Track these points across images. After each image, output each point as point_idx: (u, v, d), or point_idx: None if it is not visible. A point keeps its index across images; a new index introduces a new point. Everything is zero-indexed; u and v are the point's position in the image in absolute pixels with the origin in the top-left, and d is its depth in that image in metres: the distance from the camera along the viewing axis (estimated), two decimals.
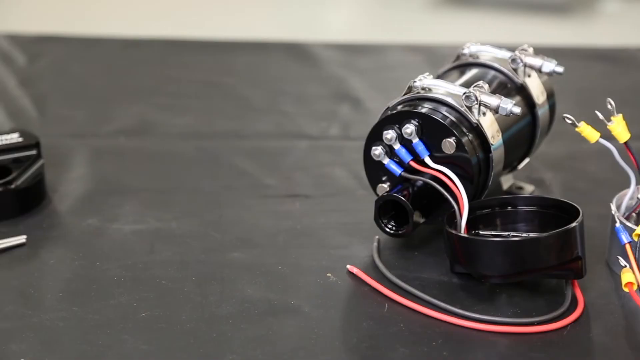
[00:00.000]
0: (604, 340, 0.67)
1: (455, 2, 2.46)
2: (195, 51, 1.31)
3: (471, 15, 2.41)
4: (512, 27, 2.29)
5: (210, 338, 0.66)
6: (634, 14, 2.37)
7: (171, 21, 2.13)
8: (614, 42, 1.64)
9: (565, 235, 0.69)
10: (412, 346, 0.66)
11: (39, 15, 2.26)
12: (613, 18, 2.38)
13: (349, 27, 2.40)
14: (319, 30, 2.23)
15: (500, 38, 1.79)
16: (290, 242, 0.80)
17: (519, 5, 2.40)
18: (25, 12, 2.27)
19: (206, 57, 1.30)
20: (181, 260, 0.76)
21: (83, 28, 1.89)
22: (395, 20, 2.37)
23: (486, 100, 0.76)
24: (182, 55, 1.29)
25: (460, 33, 2.18)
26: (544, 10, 2.37)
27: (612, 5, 2.44)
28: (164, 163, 0.97)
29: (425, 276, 0.74)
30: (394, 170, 0.77)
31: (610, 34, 2.22)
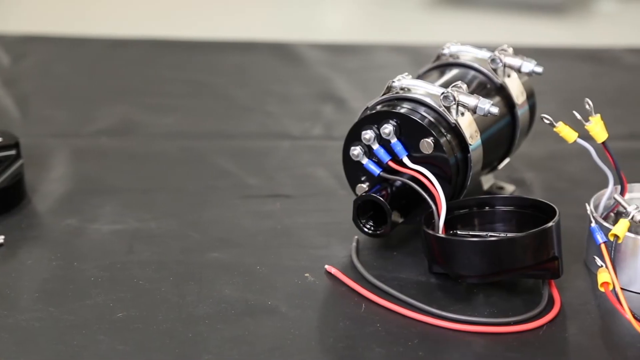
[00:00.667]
0: (580, 340, 0.67)
1: (450, 2, 2.46)
2: (182, 51, 1.31)
3: (466, 16, 2.41)
4: (507, 27, 2.29)
5: (187, 338, 0.66)
6: (630, 14, 2.38)
7: (158, 21, 2.13)
8: (609, 42, 1.64)
9: (542, 235, 0.69)
10: (389, 346, 0.66)
11: (23, 15, 2.25)
12: (608, 18, 2.38)
13: (344, 27, 2.40)
14: (314, 31, 2.23)
15: (495, 38, 1.79)
16: (269, 242, 0.80)
17: (514, 5, 2.40)
18: (10, 12, 2.26)
19: (192, 57, 1.30)
20: (159, 260, 0.76)
21: (68, 28, 1.89)
22: (390, 21, 2.37)
23: (464, 100, 0.76)
24: (168, 56, 1.29)
25: (454, 33, 2.17)
26: (539, 10, 2.38)
27: (608, 5, 2.45)
28: (147, 163, 0.97)
29: (404, 276, 0.74)
30: (373, 171, 0.77)
31: (605, 34, 2.22)
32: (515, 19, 2.35)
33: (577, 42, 1.73)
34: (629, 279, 0.72)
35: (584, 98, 1.16)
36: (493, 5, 2.41)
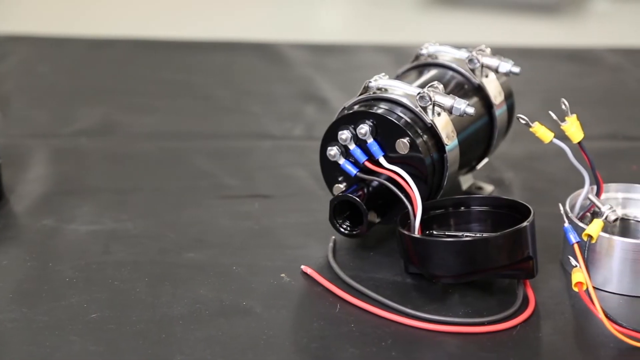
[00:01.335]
0: (553, 339, 0.67)
1: (445, 2, 2.46)
2: (165, 51, 1.31)
3: (460, 16, 2.41)
4: (501, 27, 2.29)
5: (160, 339, 0.66)
6: (623, 14, 2.38)
7: (141, 21, 2.12)
8: (602, 41, 1.65)
9: (516, 235, 0.69)
10: (362, 346, 0.65)
11: (5, 15, 2.24)
12: (602, 17, 2.39)
13: (337, 27, 2.40)
14: (307, 31, 2.23)
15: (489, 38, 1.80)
16: (246, 243, 0.80)
17: (508, 5, 2.40)
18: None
19: (175, 58, 1.30)
20: (135, 260, 0.76)
21: (51, 28, 1.88)
22: (383, 21, 2.37)
23: (440, 100, 0.76)
24: (151, 56, 1.29)
25: (447, 33, 2.19)
26: (533, 10, 2.38)
27: (602, 4, 2.45)
28: (126, 163, 0.96)
29: (380, 276, 0.74)
30: (350, 171, 0.77)
31: (599, 34, 2.22)
32: (509, 19, 2.35)
33: (570, 41, 1.74)
34: (604, 279, 0.72)
35: (566, 98, 1.17)
36: (487, 5, 2.41)
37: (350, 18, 2.52)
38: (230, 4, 2.43)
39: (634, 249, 0.71)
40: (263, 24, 2.27)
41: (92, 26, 2.01)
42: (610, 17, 2.38)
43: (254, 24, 2.23)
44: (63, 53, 1.27)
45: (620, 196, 0.79)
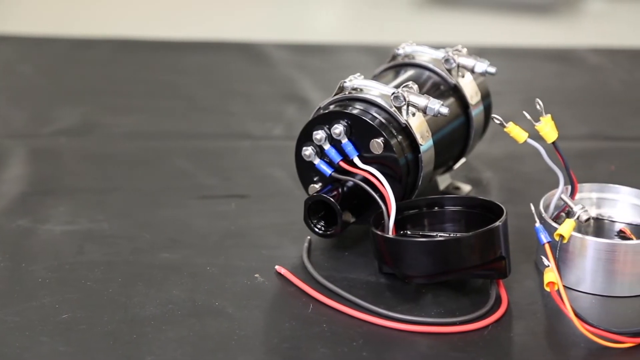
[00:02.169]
0: (524, 339, 0.67)
1: (439, 3, 2.45)
2: (147, 51, 1.31)
3: (454, 16, 2.40)
4: (495, 27, 2.29)
5: (131, 339, 0.65)
6: (618, 14, 2.39)
7: (122, 22, 2.11)
8: (597, 41, 1.65)
9: (488, 235, 0.69)
10: (333, 346, 0.65)
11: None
12: (597, 18, 2.39)
13: (330, 27, 2.39)
14: (302, 31, 2.23)
15: (484, 38, 1.79)
16: (221, 243, 0.79)
17: (502, 5, 2.40)
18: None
19: (157, 58, 1.30)
20: (109, 261, 0.76)
21: (32, 28, 1.87)
22: (376, 21, 2.36)
23: (414, 100, 0.76)
24: (132, 56, 1.29)
25: (440, 33, 2.18)
26: (527, 11, 2.38)
27: (597, 5, 2.46)
28: (104, 164, 0.96)
29: (354, 276, 0.74)
30: (324, 171, 0.77)
31: (594, 34, 2.23)
32: (503, 19, 2.35)
33: (564, 42, 1.74)
34: (577, 278, 0.72)
35: (548, 98, 1.17)
36: (482, 5, 2.41)
37: (343, 18, 2.51)
38: (224, 4, 2.42)
39: (606, 248, 0.71)
40: (260, 25, 2.27)
41: (74, 26, 2.00)
42: (604, 17, 2.38)
43: (246, 25, 2.22)
44: (44, 53, 1.27)
45: (595, 196, 0.79)
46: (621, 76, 1.23)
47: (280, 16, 2.39)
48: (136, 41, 1.32)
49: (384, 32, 2.22)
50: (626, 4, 2.44)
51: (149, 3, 2.32)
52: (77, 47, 1.28)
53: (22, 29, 1.81)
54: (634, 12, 2.41)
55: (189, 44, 1.35)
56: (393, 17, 2.38)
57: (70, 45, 1.29)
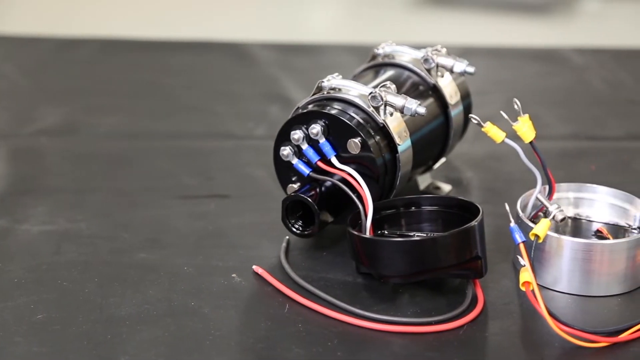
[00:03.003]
0: (499, 339, 0.67)
1: (433, 3, 2.45)
2: (132, 51, 1.31)
3: (448, 16, 2.40)
4: (490, 27, 2.29)
5: (105, 340, 0.65)
6: (613, 14, 2.39)
7: (106, 21, 2.11)
8: (591, 41, 1.65)
9: (464, 235, 0.69)
10: (308, 346, 0.65)
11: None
12: (592, 18, 2.39)
13: (325, 27, 2.39)
14: (295, 31, 2.22)
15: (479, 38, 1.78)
16: (200, 243, 0.79)
17: (497, 5, 2.40)
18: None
19: (142, 58, 1.29)
20: (86, 261, 0.75)
21: (15, 27, 1.86)
22: (371, 21, 2.36)
23: (392, 100, 0.76)
24: (117, 56, 1.29)
25: (432, 33, 2.18)
26: (523, 10, 2.37)
27: (592, 5, 2.46)
28: (86, 164, 0.96)
29: (331, 276, 0.74)
30: (302, 171, 0.77)
31: (589, 34, 2.23)
32: (499, 19, 2.35)
33: (559, 42, 1.74)
34: (554, 278, 0.72)
35: (532, 98, 1.18)
36: (477, 5, 2.41)
37: (337, 18, 2.51)
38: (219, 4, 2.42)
39: (583, 248, 0.71)
40: (253, 26, 2.26)
41: (59, 26, 1.99)
42: (600, 17, 2.39)
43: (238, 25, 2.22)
44: (28, 53, 1.27)
45: (572, 196, 0.79)
46: (605, 76, 1.23)
47: (276, 16, 2.38)
48: (121, 41, 1.32)
49: (377, 32, 2.22)
50: (621, 3, 2.44)
51: (134, 3, 2.31)
52: (62, 47, 1.28)
53: (5, 29, 1.81)
54: (629, 12, 2.41)
55: (174, 43, 1.35)
56: (387, 18, 2.38)
57: (55, 45, 1.29)
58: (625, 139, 1.04)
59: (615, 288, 0.72)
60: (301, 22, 2.42)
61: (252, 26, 2.20)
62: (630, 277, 0.72)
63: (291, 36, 1.93)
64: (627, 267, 0.72)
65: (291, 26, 2.30)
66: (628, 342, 0.66)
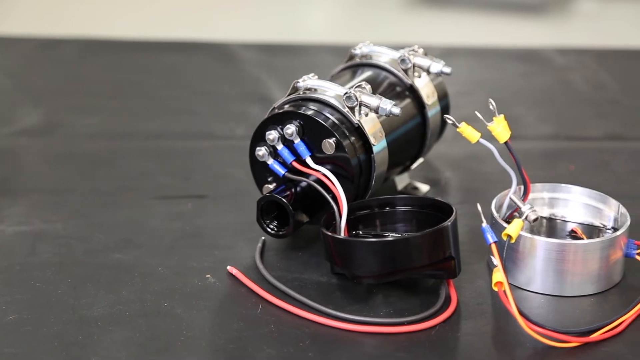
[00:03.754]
0: (471, 339, 0.67)
1: (426, 3, 2.45)
2: (114, 51, 1.30)
3: (442, 16, 2.40)
4: (484, 27, 2.29)
5: (76, 341, 0.65)
6: (609, 14, 2.39)
7: (88, 21, 2.10)
8: (587, 42, 1.65)
9: (436, 235, 0.69)
10: (279, 347, 0.65)
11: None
12: (588, 18, 2.40)
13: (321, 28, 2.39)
14: (290, 32, 2.22)
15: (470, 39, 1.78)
16: (175, 243, 0.79)
17: (492, 5, 2.40)
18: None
19: (125, 58, 1.29)
20: (60, 262, 0.75)
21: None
22: (366, 21, 2.36)
23: (366, 100, 0.76)
24: (99, 56, 1.29)
25: (429, 34, 2.18)
26: (518, 10, 2.37)
27: (588, 5, 2.46)
28: (64, 164, 0.96)
29: (305, 277, 0.74)
30: (278, 171, 0.77)
31: (584, 34, 2.23)
32: (494, 19, 2.35)
33: (554, 41, 1.74)
34: (528, 278, 0.73)
35: (513, 98, 1.18)
36: (472, 5, 2.41)
37: (331, 19, 2.51)
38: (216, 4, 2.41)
39: (556, 248, 0.71)
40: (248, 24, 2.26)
41: (40, 26, 1.98)
42: (595, 17, 2.39)
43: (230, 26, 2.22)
44: (9, 53, 1.26)
45: (547, 196, 0.79)
46: (588, 76, 1.23)
47: (271, 16, 2.38)
48: (103, 41, 1.32)
49: (366, 32, 2.22)
50: (615, 4, 2.45)
51: (116, 3, 2.30)
52: (43, 47, 1.28)
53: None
54: (623, 12, 2.41)
55: (156, 44, 1.34)
56: (377, 18, 2.38)
57: (36, 45, 1.29)
58: (605, 139, 1.04)
59: (589, 288, 0.72)
60: (293, 22, 2.42)
61: (244, 27, 2.20)
62: (604, 277, 0.72)
63: (284, 37, 1.93)
64: (601, 267, 0.72)
65: (284, 27, 2.30)
66: (599, 342, 0.66)
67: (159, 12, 2.25)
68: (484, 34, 2.19)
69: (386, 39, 0.90)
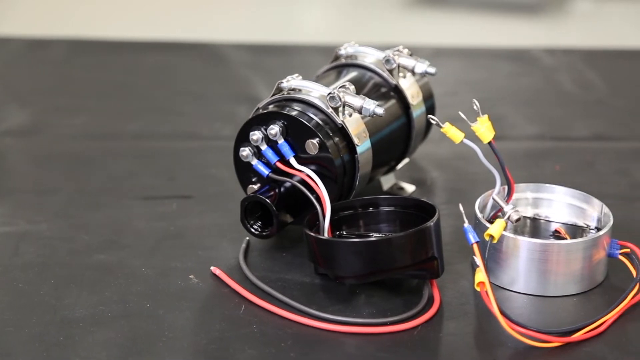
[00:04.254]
0: (453, 339, 0.67)
1: (425, 3, 2.45)
2: (102, 52, 1.30)
3: (439, 17, 2.40)
4: (479, 27, 2.29)
5: (57, 342, 0.65)
6: (604, 14, 2.40)
7: (77, 21, 2.09)
8: (587, 42, 1.65)
9: (419, 235, 0.69)
10: (261, 347, 0.65)
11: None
12: (584, 18, 2.40)
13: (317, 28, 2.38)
14: (285, 32, 2.22)
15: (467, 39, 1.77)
16: (159, 244, 0.79)
17: (488, 5, 2.40)
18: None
19: (113, 58, 1.29)
20: (43, 262, 0.75)
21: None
22: (360, 22, 2.36)
23: (350, 101, 0.76)
24: (87, 56, 1.28)
25: (425, 34, 2.18)
26: (514, 11, 2.37)
27: (583, 5, 2.46)
28: (50, 164, 0.96)
29: (289, 277, 0.74)
30: (262, 172, 0.77)
31: (580, 34, 2.23)
32: (489, 19, 2.34)
33: (550, 42, 1.73)
34: (511, 279, 0.73)
35: (501, 98, 1.18)
36: (462, 5, 2.41)
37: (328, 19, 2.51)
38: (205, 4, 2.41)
39: (539, 248, 0.71)
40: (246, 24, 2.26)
41: (27, 26, 1.98)
42: (591, 17, 2.39)
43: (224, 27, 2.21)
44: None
45: (531, 196, 0.79)
46: (575, 77, 1.23)
47: (269, 17, 2.38)
48: (91, 41, 1.32)
49: (363, 33, 2.21)
50: (611, 4, 2.45)
51: (104, 3, 2.29)
52: (30, 47, 1.28)
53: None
54: (620, 12, 2.41)
55: (145, 44, 1.34)
56: (374, 19, 2.38)
57: (23, 45, 1.29)
58: (591, 140, 1.04)
59: (572, 288, 0.72)
60: (285, 23, 2.41)
61: (240, 28, 2.19)
62: (587, 277, 0.72)
63: (279, 38, 1.93)
64: (584, 267, 0.72)
65: (278, 28, 2.30)
66: (581, 342, 0.66)
67: (148, 13, 2.24)
68: (479, 34, 2.19)
69: (379, 40, 0.90)
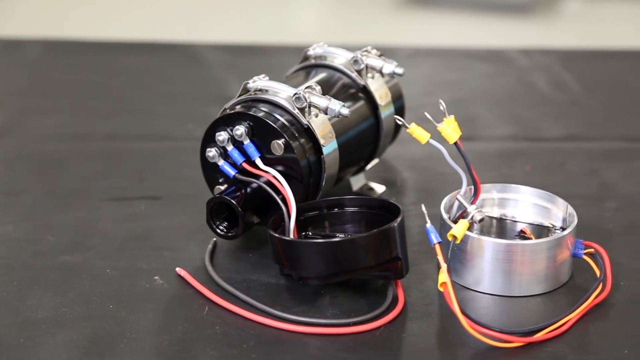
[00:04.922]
0: (415, 340, 0.67)
1: (416, 4, 2.45)
2: (78, 52, 1.30)
3: (432, 17, 2.40)
4: (474, 27, 2.29)
5: (18, 344, 0.65)
6: (594, 15, 2.40)
7: (53, 22, 2.08)
8: (576, 43, 1.65)
9: (383, 236, 0.69)
10: (223, 349, 0.65)
11: None
12: (575, 18, 2.40)
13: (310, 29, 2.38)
14: (279, 31, 2.21)
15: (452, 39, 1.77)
16: (126, 245, 0.79)
17: (480, 6, 2.40)
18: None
19: (89, 58, 1.28)
20: (7, 264, 0.75)
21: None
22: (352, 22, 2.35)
23: (316, 101, 0.76)
24: (63, 57, 1.28)
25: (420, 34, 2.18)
26: (505, 11, 2.38)
27: (574, 5, 2.47)
28: (19, 165, 0.95)
29: (254, 278, 0.74)
30: (228, 172, 0.77)
31: (571, 35, 2.24)
32: (479, 19, 2.35)
33: (542, 42, 1.74)
34: (476, 279, 0.73)
35: (475, 99, 1.18)
36: (455, 5, 2.41)
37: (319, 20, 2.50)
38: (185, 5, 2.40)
39: (504, 249, 0.71)
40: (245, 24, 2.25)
41: (1, 27, 1.97)
42: (581, 17, 2.40)
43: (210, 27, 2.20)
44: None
45: (497, 196, 0.79)
46: (550, 77, 1.24)
47: (263, 16, 2.38)
48: (66, 42, 1.31)
49: (352, 34, 2.21)
50: (602, 4, 2.46)
51: (79, 3, 2.28)
52: (4, 47, 1.27)
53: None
54: (610, 13, 2.42)
55: (120, 45, 1.34)
56: (362, 20, 2.37)
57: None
58: (562, 140, 1.04)
59: (536, 288, 0.72)
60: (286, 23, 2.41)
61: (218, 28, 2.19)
62: (551, 277, 0.73)
63: (278, 38, 1.92)
64: (548, 267, 0.72)
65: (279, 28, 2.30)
66: (543, 342, 0.66)
67: (124, 13, 2.23)
68: (463, 34, 2.19)
69: (362, 40, 0.90)
